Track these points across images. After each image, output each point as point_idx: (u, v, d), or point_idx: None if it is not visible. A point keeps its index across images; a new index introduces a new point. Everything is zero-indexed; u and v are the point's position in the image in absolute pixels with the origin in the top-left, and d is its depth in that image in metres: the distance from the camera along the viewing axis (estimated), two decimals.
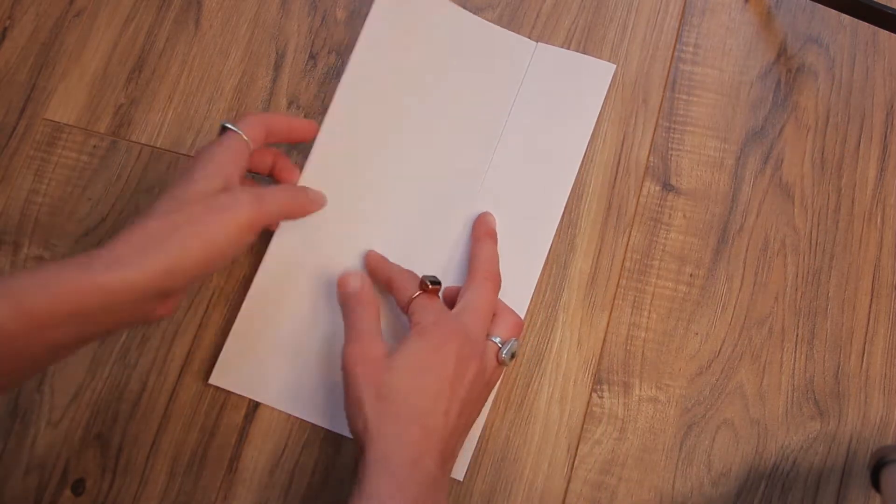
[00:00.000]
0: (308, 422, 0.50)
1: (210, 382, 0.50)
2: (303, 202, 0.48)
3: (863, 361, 0.52)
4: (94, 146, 0.55)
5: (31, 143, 0.54)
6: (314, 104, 0.56)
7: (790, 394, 0.51)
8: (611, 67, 0.56)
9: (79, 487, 0.49)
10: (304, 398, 0.50)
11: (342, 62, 0.57)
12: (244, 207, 0.42)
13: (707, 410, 0.51)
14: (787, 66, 0.57)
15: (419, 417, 0.41)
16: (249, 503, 0.49)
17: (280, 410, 0.50)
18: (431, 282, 0.47)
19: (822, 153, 0.55)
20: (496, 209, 0.53)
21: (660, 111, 0.56)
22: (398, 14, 0.52)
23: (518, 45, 0.56)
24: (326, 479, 0.50)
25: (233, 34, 0.57)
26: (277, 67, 0.56)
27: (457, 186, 0.53)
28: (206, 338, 0.51)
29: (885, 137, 0.56)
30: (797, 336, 0.52)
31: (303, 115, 0.55)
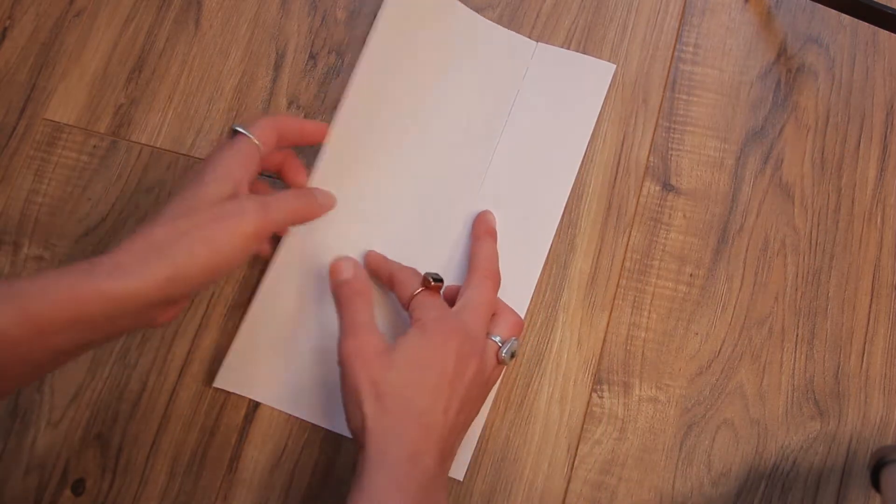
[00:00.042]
0: (308, 422, 0.50)
1: (215, 386, 0.50)
2: (312, 207, 0.47)
3: (863, 361, 0.52)
4: (94, 146, 0.55)
5: (31, 143, 0.54)
6: (314, 104, 0.56)
7: (790, 394, 0.51)
8: (611, 67, 0.56)
9: (79, 487, 0.49)
10: (309, 400, 0.50)
11: (342, 62, 0.57)
12: (250, 216, 0.41)
13: (707, 410, 0.51)
14: (787, 66, 0.57)
15: (418, 415, 0.41)
16: (249, 503, 0.49)
17: (280, 410, 0.50)
18: (434, 279, 0.47)
19: (822, 153, 0.55)
20: (496, 209, 0.53)
21: (660, 111, 0.56)
22: (406, 13, 0.52)
23: (518, 45, 0.56)
24: (326, 479, 0.50)
25: (233, 34, 0.57)
26: (277, 67, 0.56)
27: (457, 186, 0.53)
28: (206, 338, 0.51)
29: (885, 137, 0.56)
30: (797, 336, 0.52)
31: (303, 115, 0.55)
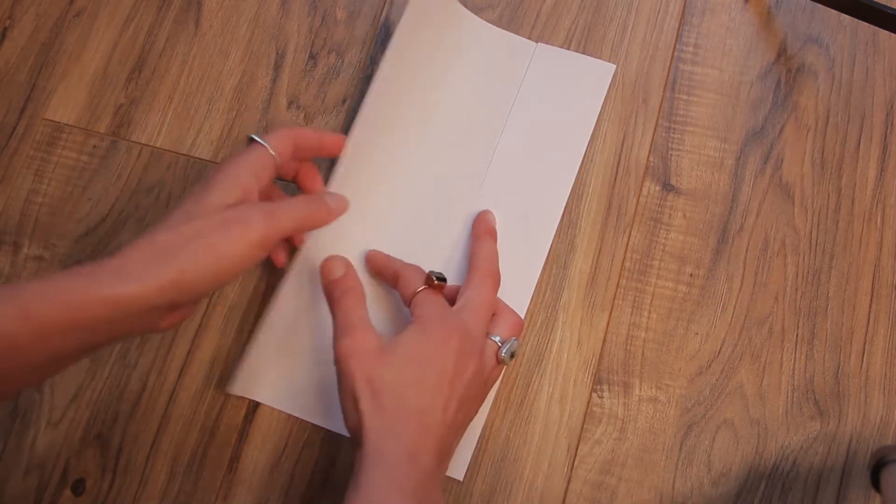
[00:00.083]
0: (308, 422, 0.50)
1: (229, 392, 0.49)
2: (321, 212, 0.45)
3: (863, 361, 0.52)
4: (94, 146, 0.55)
5: (31, 143, 0.54)
6: (314, 104, 0.56)
7: (790, 394, 0.51)
8: (611, 67, 0.56)
9: (79, 487, 0.49)
10: (327, 407, 0.49)
11: (342, 62, 0.57)
12: (255, 223, 0.41)
13: (707, 410, 0.51)
14: (787, 66, 0.57)
15: (416, 413, 0.41)
16: (249, 503, 0.49)
17: (280, 410, 0.50)
18: (437, 277, 0.47)
19: (822, 153, 0.55)
20: (496, 209, 0.53)
21: (660, 111, 0.56)
22: (418, 20, 0.52)
23: (518, 46, 0.56)
24: (326, 479, 0.50)
25: (233, 34, 0.57)
26: (277, 67, 0.56)
27: (457, 186, 0.53)
28: (206, 338, 0.51)
29: (885, 137, 0.56)
30: (797, 336, 0.52)
31: (303, 116, 0.55)
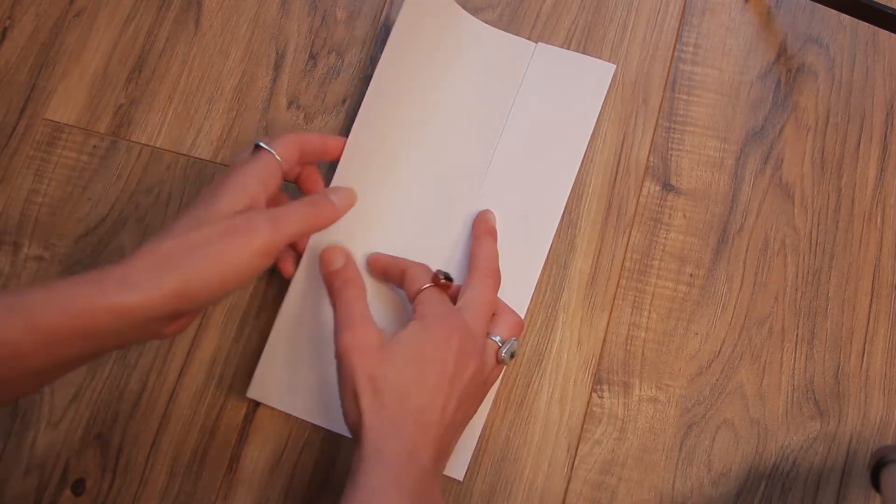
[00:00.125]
0: (308, 422, 0.50)
1: (249, 396, 0.49)
2: (327, 212, 0.45)
3: (863, 361, 0.52)
4: (94, 146, 0.55)
5: (31, 143, 0.54)
6: (314, 104, 0.56)
7: (790, 394, 0.51)
8: (611, 67, 0.56)
9: (79, 487, 0.49)
10: (336, 411, 0.50)
11: (342, 62, 0.57)
12: (261, 231, 0.40)
13: (707, 410, 0.51)
14: (787, 66, 0.57)
15: (416, 412, 0.41)
16: (249, 503, 0.49)
17: (280, 410, 0.50)
18: (445, 276, 0.47)
19: (822, 153, 0.55)
20: (496, 209, 0.53)
21: (660, 111, 0.56)
22: (415, 21, 0.52)
23: (518, 46, 0.56)
24: (326, 479, 0.50)
25: (233, 34, 0.57)
26: (277, 67, 0.56)
27: (457, 186, 0.53)
28: (206, 339, 0.51)
29: (885, 137, 0.56)
30: (797, 336, 0.52)
31: (302, 116, 0.55)
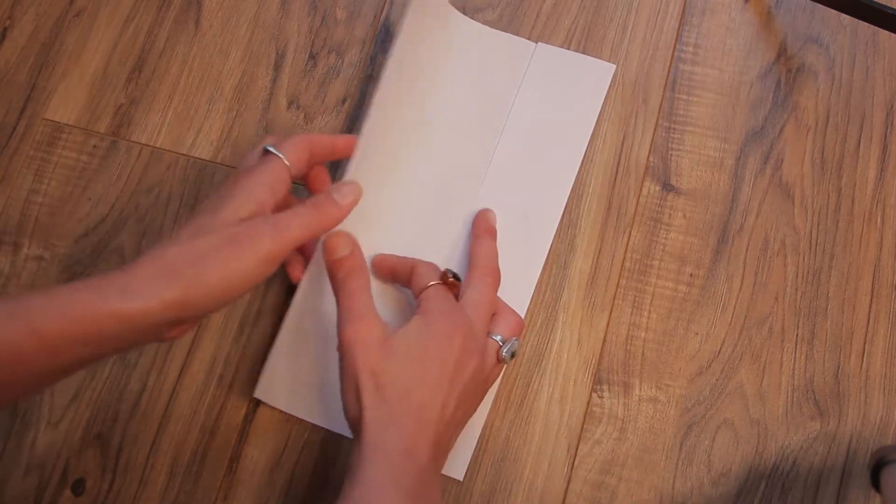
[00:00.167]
0: (308, 422, 0.50)
1: (256, 397, 0.49)
2: (331, 213, 0.44)
3: (863, 361, 0.52)
4: (94, 146, 0.55)
5: (31, 143, 0.54)
6: (314, 104, 0.56)
7: (790, 394, 0.51)
8: (611, 67, 0.56)
9: (79, 487, 0.49)
10: (336, 411, 0.49)
11: (342, 62, 0.57)
12: (264, 239, 0.40)
13: (707, 410, 0.51)
14: (787, 66, 0.57)
15: (416, 409, 0.41)
16: (249, 503, 0.49)
17: (281, 411, 0.50)
18: (453, 275, 0.47)
19: (822, 153, 0.55)
20: (496, 209, 0.53)
21: (660, 111, 0.56)
22: (420, 23, 0.52)
23: (518, 46, 0.56)
24: (326, 479, 0.50)
25: (233, 34, 0.57)
26: (277, 67, 0.56)
27: (457, 186, 0.53)
28: (207, 338, 0.51)
29: (885, 137, 0.56)
30: (797, 336, 0.52)
31: (302, 116, 0.55)
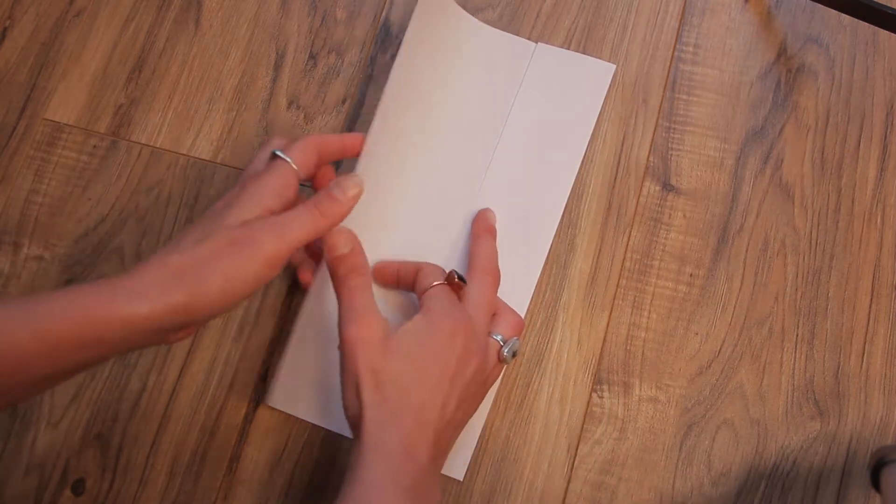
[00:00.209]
0: (308, 422, 0.50)
1: (270, 405, 0.49)
2: (331, 212, 0.44)
3: (863, 361, 0.52)
4: (94, 146, 0.55)
5: (31, 143, 0.54)
6: (314, 104, 0.56)
7: (790, 394, 0.51)
8: (611, 67, 0.56)
9: (79, 487, 0.49)
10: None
11: (342, 62, 0.57)
12: (265, 243, 0.40)
13: (707, 410, 0.51)
14: (787, 66, 0.57)
15: (416, 408, 0.41)
16: (249, 503, 0.49)
17: (281, 411, 0.50)
18: (459, 277, 0.46)
19: (822, 153, 0.55)
20: (496, 209, 0.53)
21: (660, 111, 0.56)
22: (426, 21, 0.52)
23: (518, 46, 0.56)
24: (326, 479, 0.50)
25: (233, 34, 0.57)
26: (277, 67, 0.56)
27: (457, 187, 0.53)
28: (207, 338, 0.51)
29: (885, 137, 0.56)
30: (797, 336, 0.52)
31: (302, 116, 0.55)
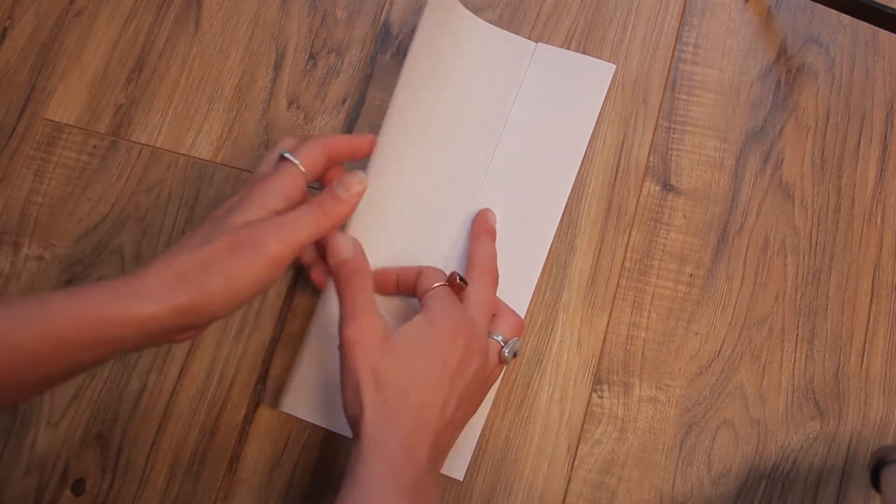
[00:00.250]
0: (308, 422, 0.50)
1: (282, 410, 0.49)
2: (334, 211, 0.44)
3: (863, 361, 0.52)
4: (94, 146, 0.55)
5: (31, 143, 0.54)
6: (314, 104, 0.56)
7: (790, 394, 0.51)
8: (611, 67, 0.56)
9: (79, 487, 0.49)
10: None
11: (342, 62, 0.57)
12: (267, 244, 0.40)
13: (707, 410, 0.51)
14: (787, 66, 0.57)
15: (416, 408, 0.41)
16: (249, 503, 0.49)
17: (281, 411, 0.50)
18: (461, 278, 0.46)
19: (822, 153, 0.55)
20: (496, 209, 0.53)
21: (660, 111, 0.56)
22: (434, 21, 0.52)
23: (518, 45, 0.56)
24: (326, 479, 0.50)
25: (233, 34, 0.57)
26: (277, 67, 0.56)
27: (457, 186, 0.53)
28: (207, 338, 0.51)
29: (885, 137, 0.56)
30: (797, 336, 0.52)
31: (302, 116, 0.55)
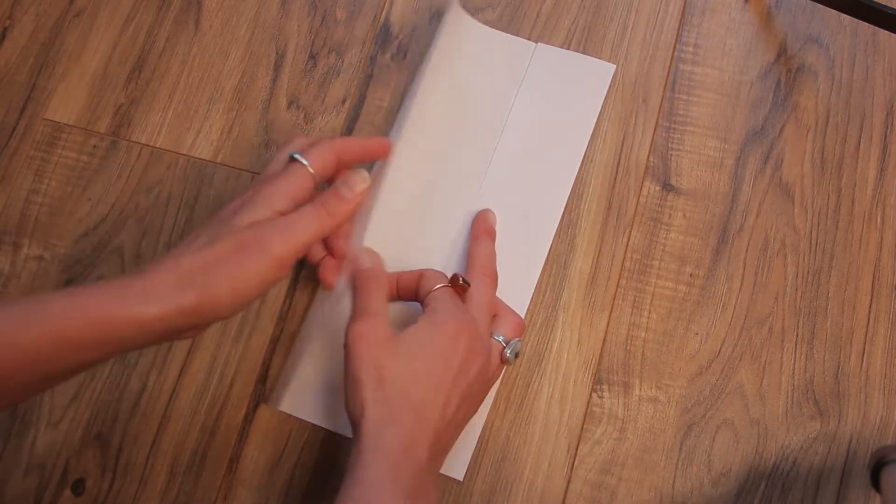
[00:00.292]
0: (308, 422, 0.50)
1: (282, 410, 0.49)
2: (338, 210, 0.44)
3: (863, 361, 0.52)
4: (94, 146, 0.55)
5: (31, 143, 0.54)
6: (314, 104, 0.56)
7: (790, 394, 0.51)
8: (611, 67, 0.56)
9: (79, 487, 0.49)
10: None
11: (342, 62, 0.57)
12: (273, 245, 0.40)
13: (707, 410, 0.51)
14: (787, 66, 0.57)
15: (417, 407, 0.41)
16: (249, 503, 0.49)
17: (281, 411, 0.50)
18: (463, 280, 0.46)
19: (822, 153, 0.55)
20: (496, 209, 0.53)
21: (660, 111, 0.56)
22: (445, 27, 0.52)
23: (518, 46, 0.56)
24: (326, 479, 0.50)
25: (233, 34, 0.57)
26: (277, 67, 0.56)
27: (457, 187, 0.53)
28: (207, 338, 0.51)
29: (885, 137, 0.56)
30: (797, 336, 0.52)
31: (302, 116, 0.55)
